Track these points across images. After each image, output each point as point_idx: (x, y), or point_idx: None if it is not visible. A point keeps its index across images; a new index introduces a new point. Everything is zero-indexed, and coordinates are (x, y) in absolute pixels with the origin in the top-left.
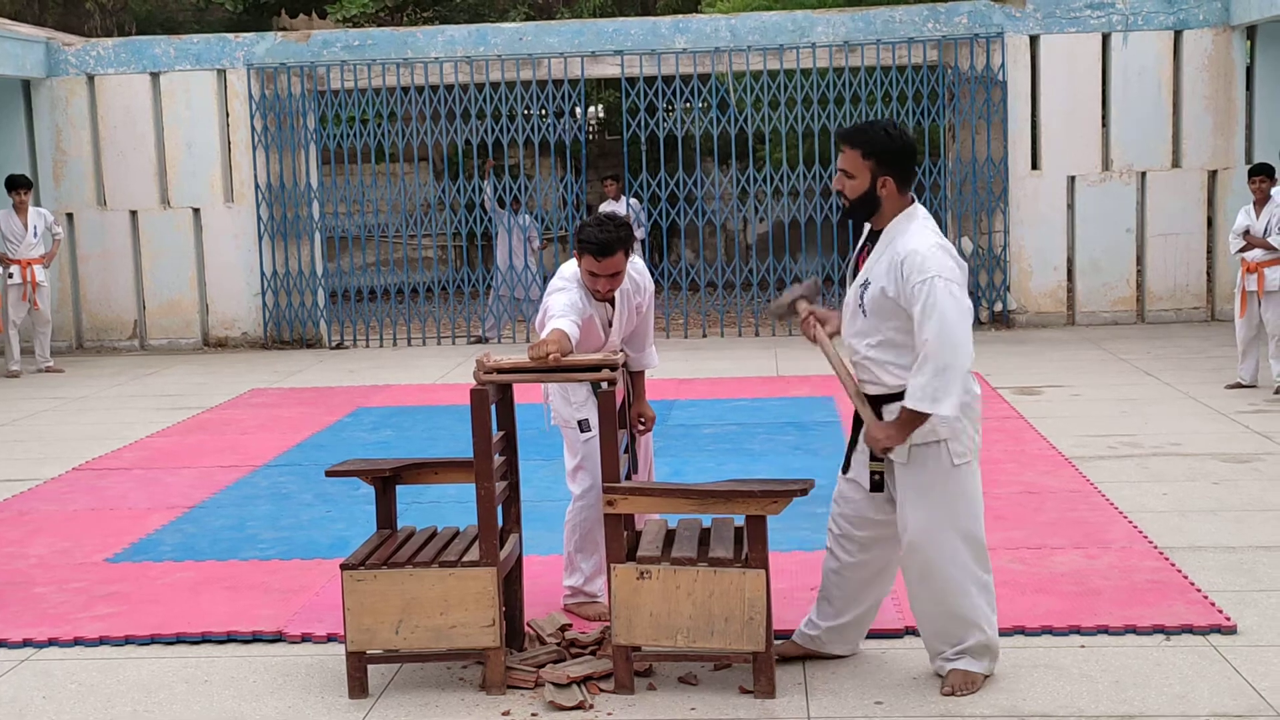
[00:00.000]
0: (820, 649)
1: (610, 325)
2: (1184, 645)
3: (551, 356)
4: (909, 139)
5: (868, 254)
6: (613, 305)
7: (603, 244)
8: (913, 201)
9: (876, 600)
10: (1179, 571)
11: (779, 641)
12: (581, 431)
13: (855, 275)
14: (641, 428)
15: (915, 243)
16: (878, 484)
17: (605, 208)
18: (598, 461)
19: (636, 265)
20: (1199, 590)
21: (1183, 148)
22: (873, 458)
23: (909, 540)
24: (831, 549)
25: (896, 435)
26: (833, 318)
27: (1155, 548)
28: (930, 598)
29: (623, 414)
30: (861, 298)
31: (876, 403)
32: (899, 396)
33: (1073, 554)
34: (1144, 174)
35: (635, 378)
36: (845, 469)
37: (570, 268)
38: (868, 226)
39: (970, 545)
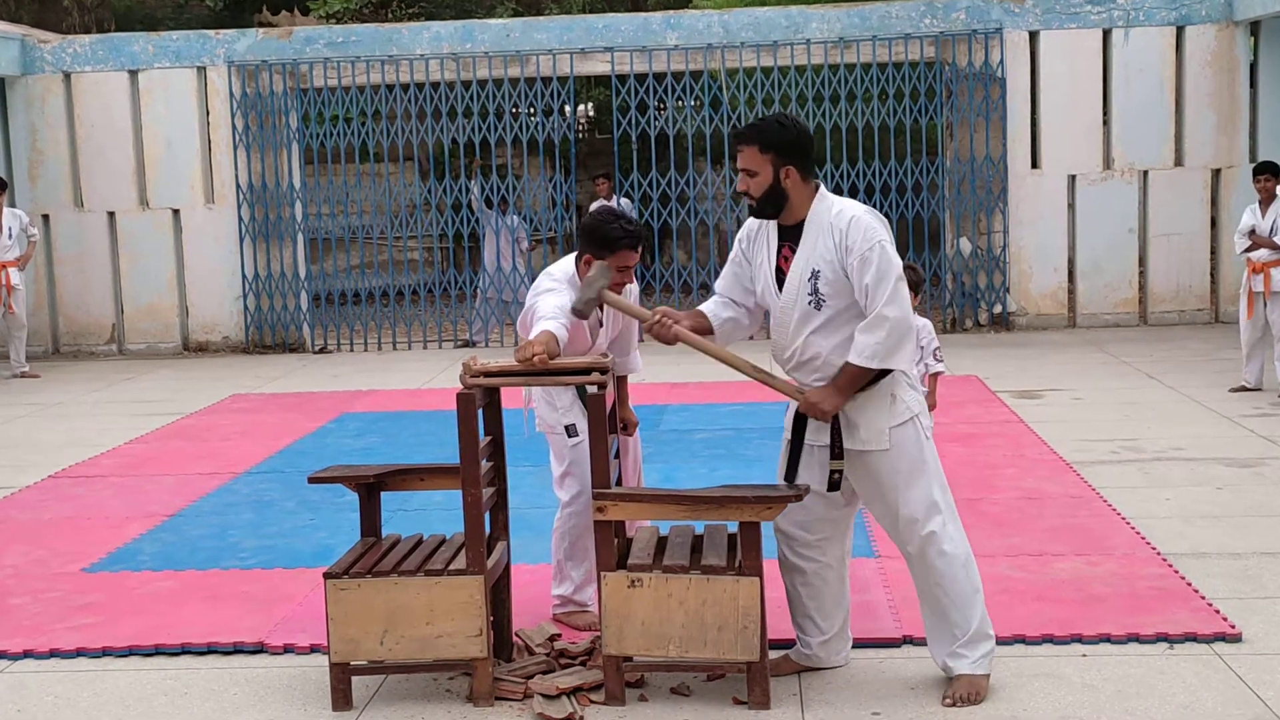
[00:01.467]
0: (817, 665)
1: (600, 327)
2: (1188, 654)
3: (538, 358)
4: (804, 127)
5: (788, 254)
6: (601, 308)
7: (635, 235)
8: (819, 186)
9: (847, 596)
10: (1182, 578)
11: (774, 657)
12: (569, 436)
13: (780, 278)
14: (624, 434)
15: (849, 210)
16: (835, 483)
17: (596, 208)
18: (586, 467)
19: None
20: (1203, 597)
21: (1185, 146)
22: (833, 456)
23: (910, 516)
24: (792, 563)
25: (838, 397)
26: (686, 316)
27: (1158, 554)
28: (943, 580)
29: (612, 418)
30: (815, 290)
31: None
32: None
33: (1074, 561)
34: (1146, 173)
35: (619, 383)
36: (790, 476)
37: (561, 268)
38: (767, 232)
39: (956, 520)
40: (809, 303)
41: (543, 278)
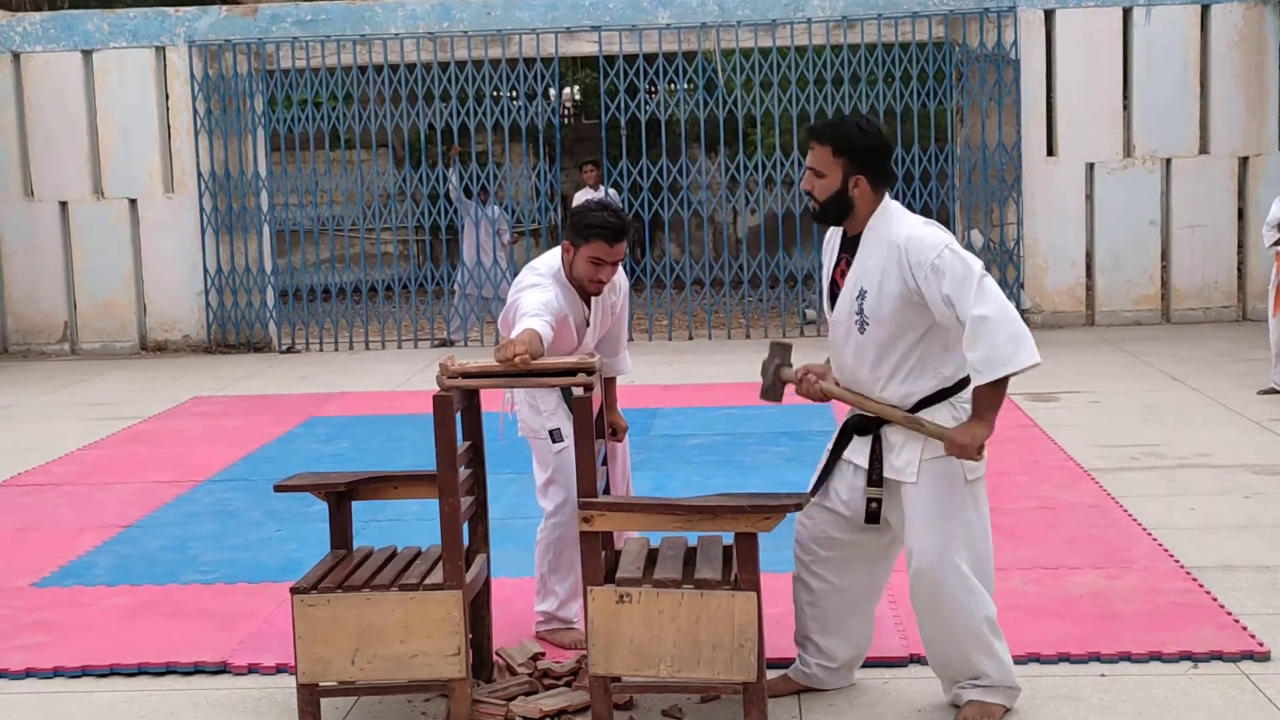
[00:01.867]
0: (818, 685)
1: (587, 325)
2: (1213, 673)
3: (519, 359)
4: (883, 135)
5: (845, 267)
6: (589, 305)
7: (617, 229)
8: (884, 195)
9: (865, 634)
10: (1207, 593)
11: (772, 676)
12: (553, 442)
13: (834, 293)
14: (614, 438)
15: (905, 229)
16: (874, 514)
17: (583, 197)
18: (571, 474)
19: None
20: (1229, 613)
21: (1211, 132)
22: (870, 483)
23: (917, 566)
24: (801, 577)
25: (982, 428)
26: (827, 371)
27: (1181, 567)
28: (940, 630)
29: (599, 422)
30: (860, 310)
31: (879, 422)
32: (920, 405)
33: (1092, 574)
34: (1169, 161)
35: (607, 385)
36: (814, 490)
37: (546, 262)
38: (837, 238)
39: (982, 574)
40: (855, 322)
41: (526, 272)
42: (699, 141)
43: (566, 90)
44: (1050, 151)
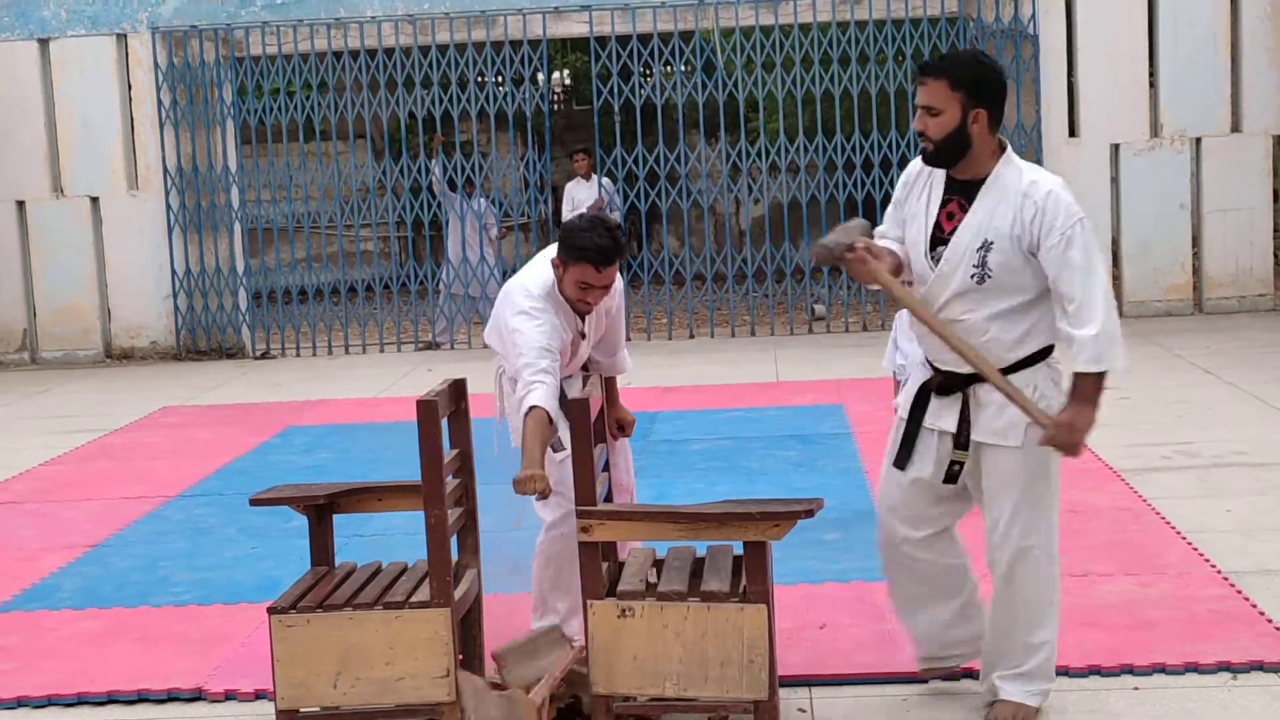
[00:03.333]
0: (954, 662)
1: (583, 339)
2: (1253, 684)
3: (539, 488)
4: (1002, 70)
5: (954, 210)
6: (583, 317)
7: (606, 251)
8: (1005, 145)
9: (968, 592)
10: (1246, 599)
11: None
12: (554, 451)
13: (936, 238)
14: (620, 433)
15: (1046, 182)
16: (954, 475)
17: (573, 188)
18: (570, 484)
19: None
20: (1269, 621)
21: (1243, 109)
22: (956, 446)
23: (1006, 531)
24: (900, 564)
25: (1090, 411)
26: (886, 256)
27: (1218, 572)
28: (1010, 601)
29: (598, 428)
30: (983, 263)
31: (977, 377)
32: (1007, 368)
33: (1123, 581)
34: (1199, 140)
35: (608, 383)
36: (902, 463)
37: (538, 281)
38: (934, 180)
39: (1055, 550)
40: (971, 275)
41: (519, 294)
42: (697, 127)
43: (556, 74)
44: (1072, 132)
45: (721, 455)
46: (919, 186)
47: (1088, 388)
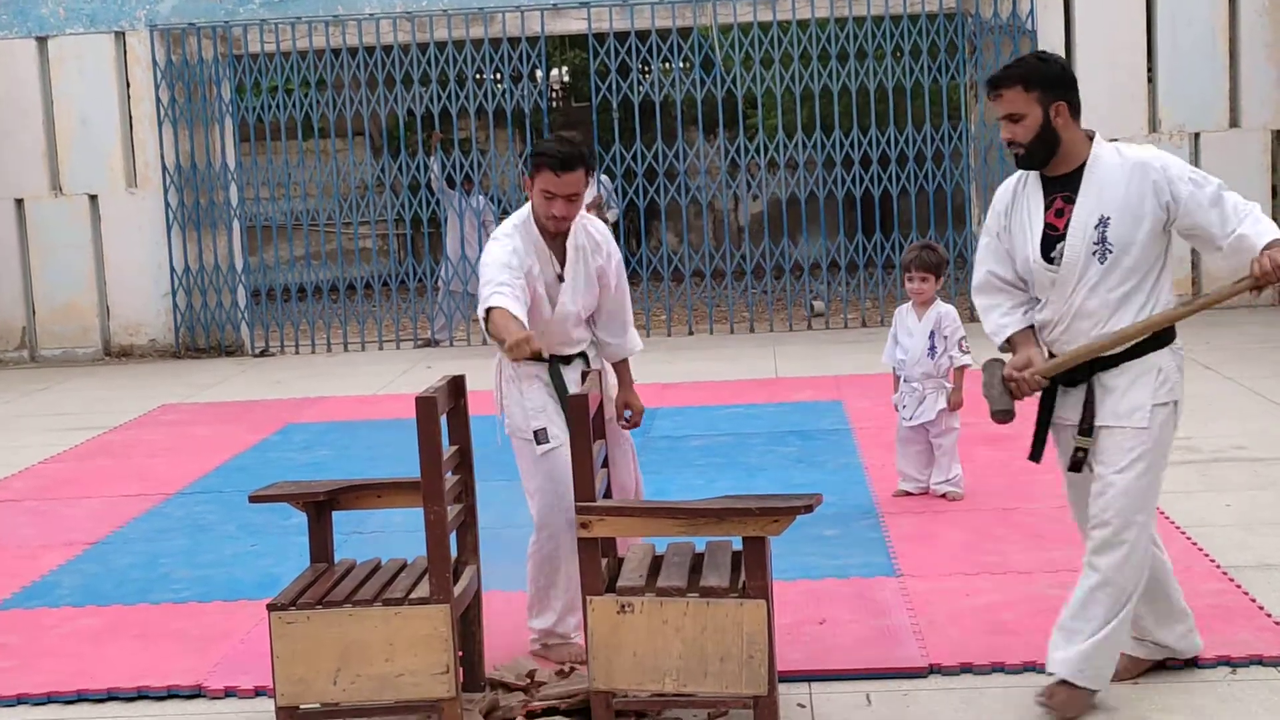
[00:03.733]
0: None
1: (560, 281)
2: (1253, 678)
3: (532, 348)
4: (1065, 61)
5: (1061, 205)
6: (562, 262)
7: (563, 157)
8: (1093, 133)
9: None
10: (1245, 594)
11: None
12: (538, 443)
13: (1048, 239)
14: (626, 422)
15: (1147, 151)
16: (1079, 463)
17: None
18: (559, 479)
19: (595, 224)
20: (1269, 615)
21: (1241, 105)
22: (1080, 432)
23: (1121, 508)
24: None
25: None
26: (1021, 343)
27: (1218, 567)
28: (1109, 577)
29: (598, 421)
30: (1102, 239)
31: (1100, 365)
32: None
33: None
34: (1197, 135)
35: (619, 367)
36: (1036, 455)
37: (514, 218)
38: (1030, 187)
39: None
40: (1093, 253)
41: (495, 231)
42: (696, 124)
43: (554, 71)
44: None
45: (721, 451)
46: (1015, 205)
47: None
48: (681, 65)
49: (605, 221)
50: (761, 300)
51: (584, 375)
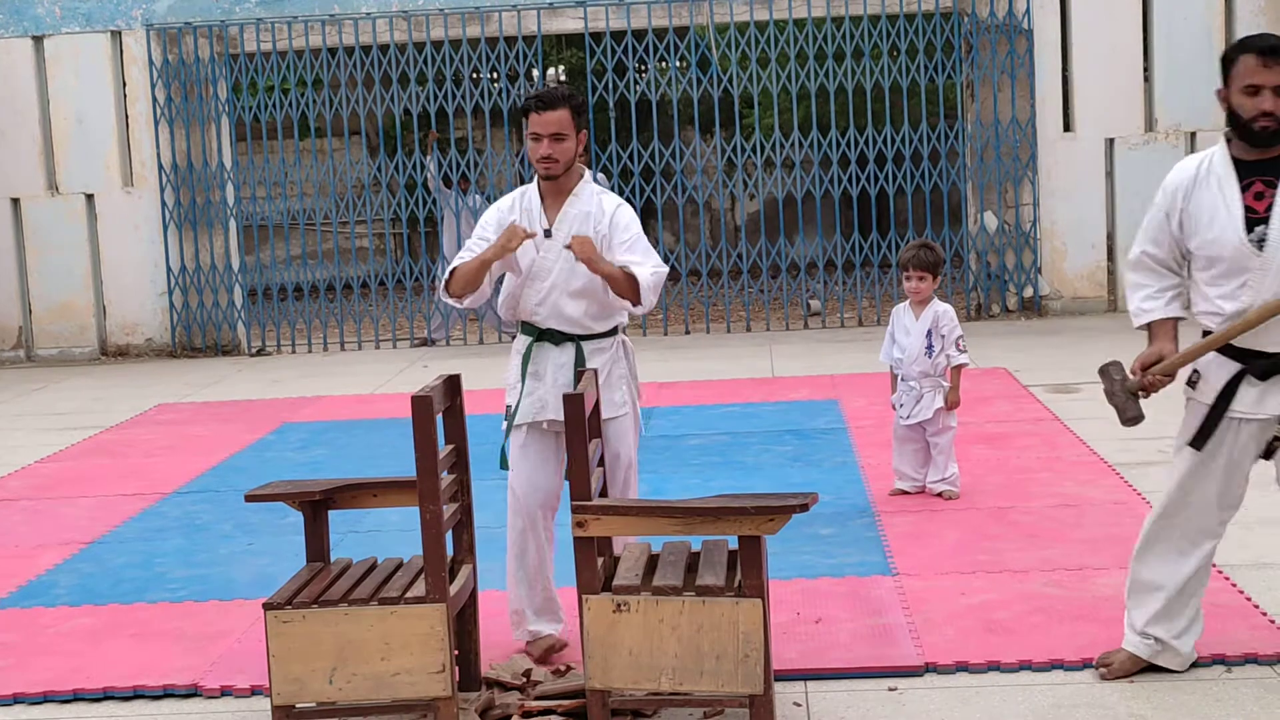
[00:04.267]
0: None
1: (548, 238)
2: (1248, 677)
3: (517, 238)
4: None
5: (1262, 192)
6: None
7: (545, 97)
8: None
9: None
10: (1241, 592)
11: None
12: (505, 418)
13: (1251, 221)
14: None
15: None
16: (1272, 451)
17: None
18: (525, 466)
19: (611, 199)
20: (1264, 614)
21: None
22: None
23: None
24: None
25: None
26: (1159, 338)
27: (1213, 565)
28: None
29: (593, 420)
30: None
31: None
32: None
33: (1118, 575)
34: (1194, 135)
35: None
36: (1199, 444)
37: (515, 191)
38: (1226, 170)
39: None
40: None
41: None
42: (693, 123)
43: (551, 70)
44: (1067, 127)
45: (717, 450)
46: (1199, 186)
47: None
48: (678, 64)
49: None
50: (758, 299)
51: (579, 375)
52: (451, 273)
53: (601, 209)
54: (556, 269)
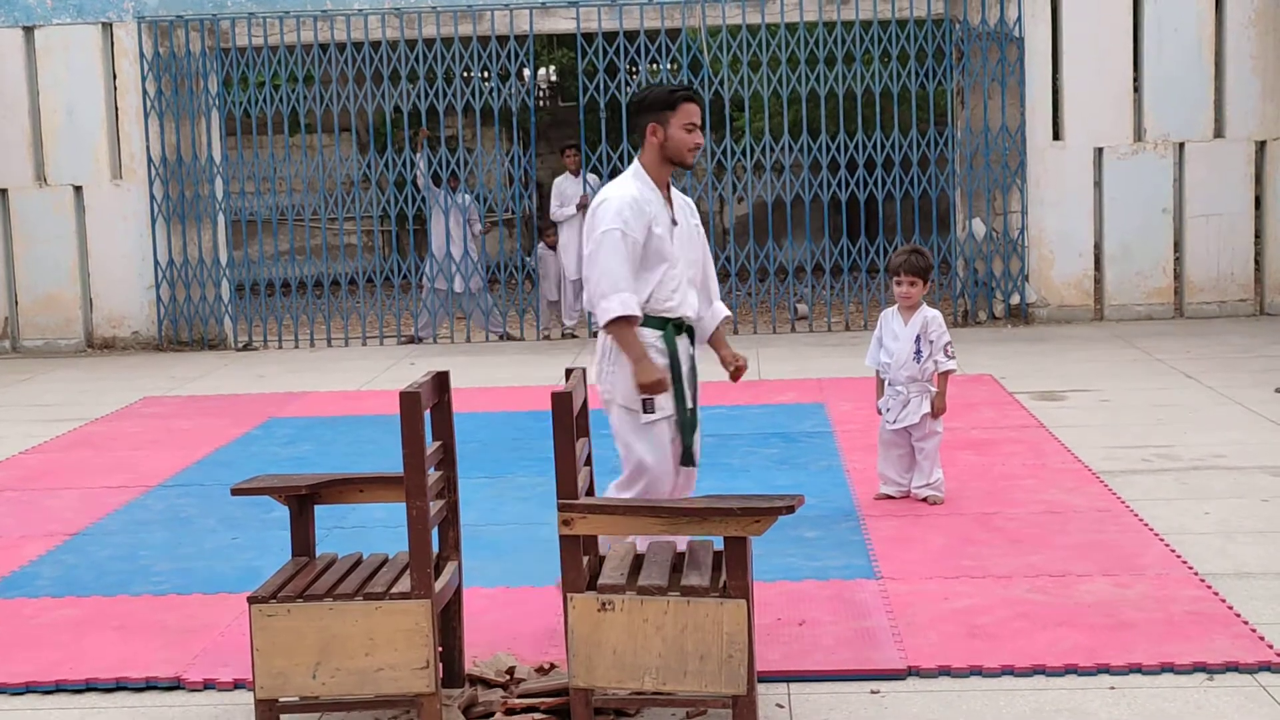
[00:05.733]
0: None
1: (674, 224)
2: (1228, 685)
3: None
4: None
5: None
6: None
7: (695, 90)
8: None
9: None
10: (1223, 601)
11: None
12: (644, 412)
13: None
14: (736, 372)
15: None
16: None
17: (562, 182)
18: (657, 451)
19: (680, 196)
20: (1246, 622)
21: (1226, 115)
22: None
23: None
24: None
25: None
26: None
27: (1195, 574)
28: None
29: (581, 419)
30: None
31: None
32: None
33: (1101, 582)
34: (1182, 145)
35: (714, 337)
36: None
37: (626, 172)
38: None
39: None
40: None
41: (600, 209)
42: None
43: (542, 70)
44: (1056, 135)
45: (703, 452)
46: None
47: None
48: (669, 66)
49: None
50: (746, 302)
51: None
52: (626, 318)
53: (689, 204)
54: (680, 258)
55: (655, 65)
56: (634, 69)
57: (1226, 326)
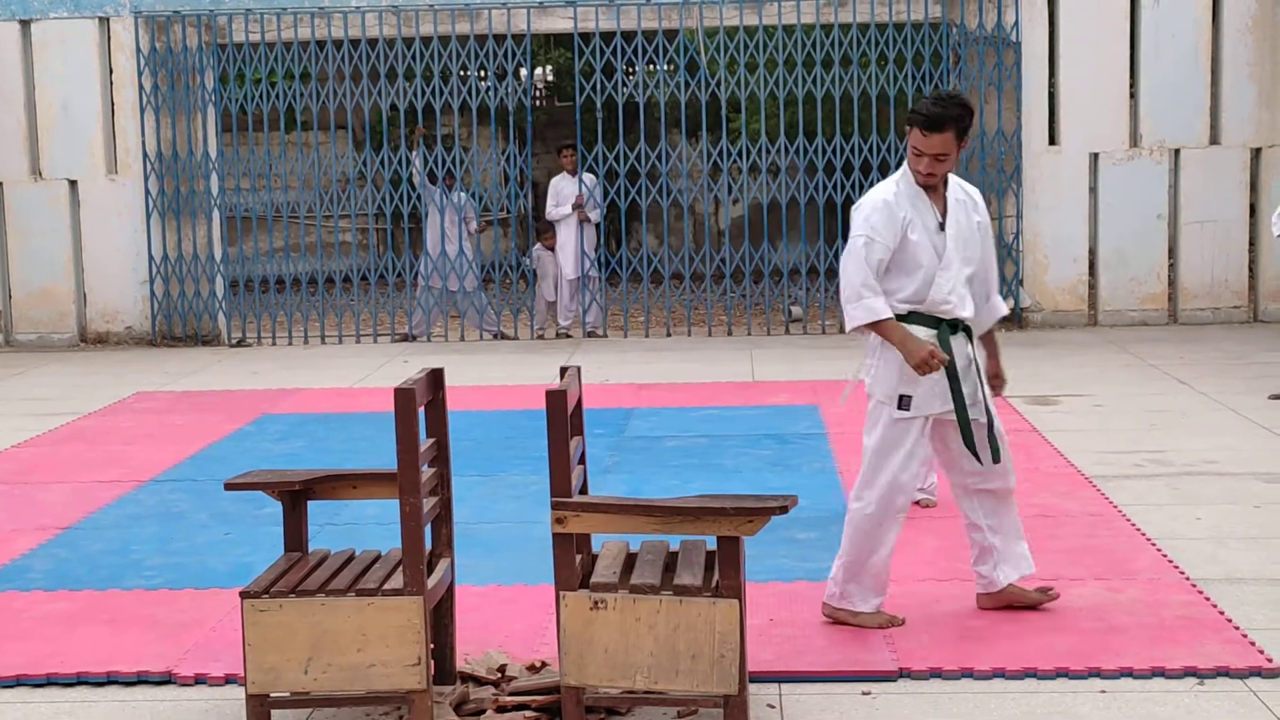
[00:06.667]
0: None
1: (941, 230)
2: (1219, 690)
3: (936, 360)
4: None
5: None
6: (943, 213)
7: (932, 118)
8: None
9: None
10: (1214, 606)
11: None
12: (898, 408)
13: None
14: (995, 390)
15: None
16: None
17: (559, 182)
18: (895, 448)
19: (967, 185)
20: (1237, 628)
21: (1222, 121)
22: None
23: None
24: None
25: None
26: None
27: (1187, 579)
28: None
29: (575, 417)
30: None
31: None
32: None
33: (1093, 586)
34: (1177, 151)
35: (986, 338)
36: None
37: (873, 198)
38: None
39: None
40: None
41: (859, 210)
42: (679, 126)
43: (539, 70)
44: (1052, 140)
45: (696, 453)
46: None
47: None
48: (666, 67)
49: (588, 220)
50: (740, 304)
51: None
52: (877, 324)
53: (972, 200)
54: (954, 259)
55: (652, 66)
56: (631, 69)
57: (1220, 333)
